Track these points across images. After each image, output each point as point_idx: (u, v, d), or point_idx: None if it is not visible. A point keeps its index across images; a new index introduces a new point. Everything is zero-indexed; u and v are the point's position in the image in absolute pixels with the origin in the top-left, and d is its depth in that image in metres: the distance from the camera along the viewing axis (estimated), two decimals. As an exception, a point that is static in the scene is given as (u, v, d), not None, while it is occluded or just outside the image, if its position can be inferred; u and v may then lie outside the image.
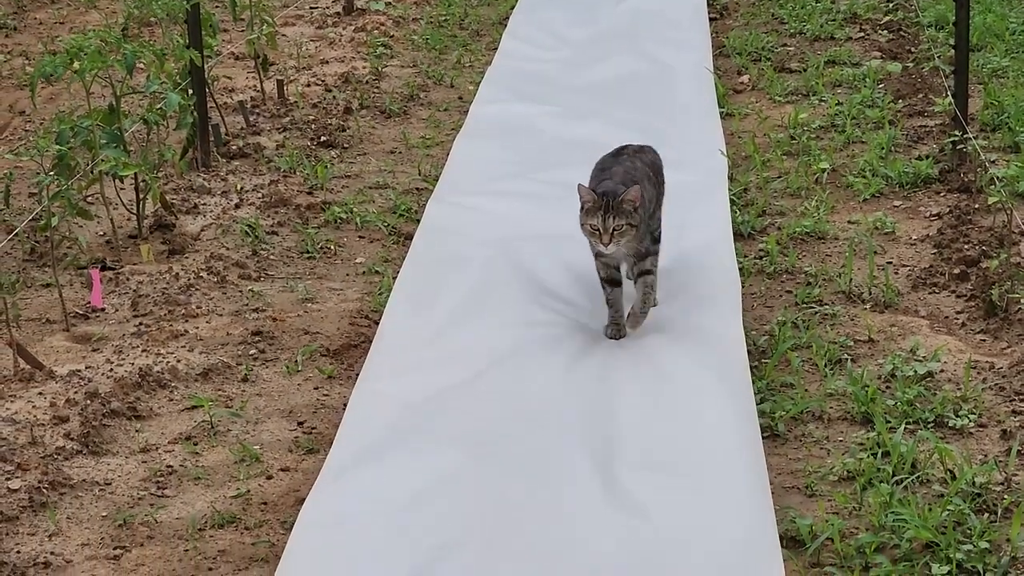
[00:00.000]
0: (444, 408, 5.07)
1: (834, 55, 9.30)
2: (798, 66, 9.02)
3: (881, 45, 9.31)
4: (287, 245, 6.61)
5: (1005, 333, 5.51)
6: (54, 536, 4.47)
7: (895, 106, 8.01)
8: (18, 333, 5.61)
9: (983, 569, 4.11)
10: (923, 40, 9.23)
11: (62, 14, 10.89)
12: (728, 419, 4.94)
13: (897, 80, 8.47)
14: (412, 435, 4.92)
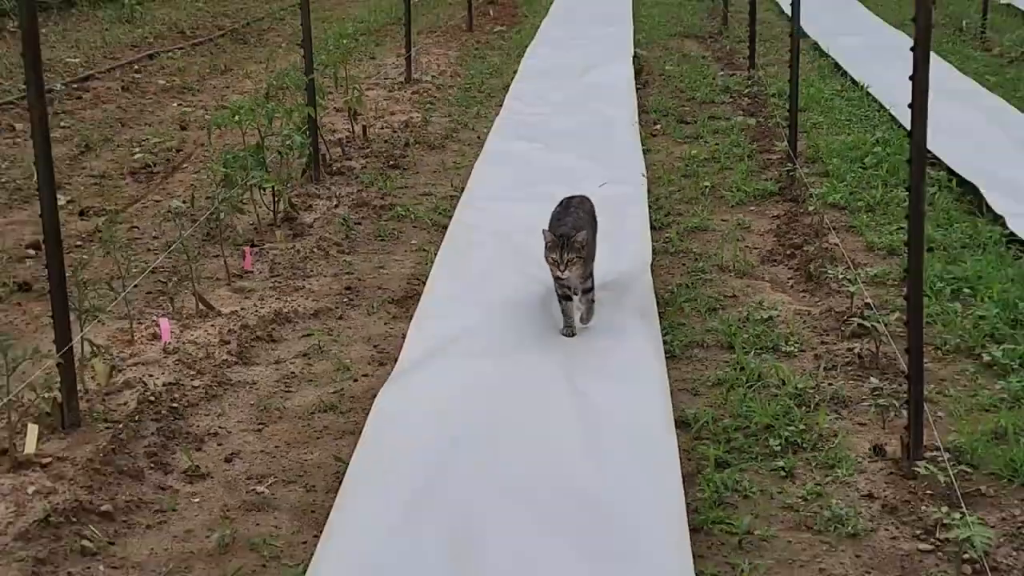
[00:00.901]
0: (465, 337, 5.32)
1: (714, 113, 9.68)
2: (691, 119, 9.31)
3: (743, 107, 9.64)
4: (367, 232, 6.99)
5: (817, 292, 5.87)
6: (220, 416, 4.79)
7: (751, 146, 8.48)
8: (199, 287, 5.96)
9: (800, 442, 4.42)
10: (769, 104, 9.59)
11: (228, 81, 11.03)
12: (645, 345, 5.17)
13: (753, 130, 8.94)
14: (443, 354, 5.16)
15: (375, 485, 4.10)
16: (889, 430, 4.46)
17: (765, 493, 4.10)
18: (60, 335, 4.57)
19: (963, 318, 5.33)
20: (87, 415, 4.65)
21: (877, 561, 3.69)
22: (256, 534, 3.92)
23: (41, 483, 4.19)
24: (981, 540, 3.61)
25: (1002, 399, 4.64)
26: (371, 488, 4.08)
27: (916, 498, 4.00)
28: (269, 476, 4.31)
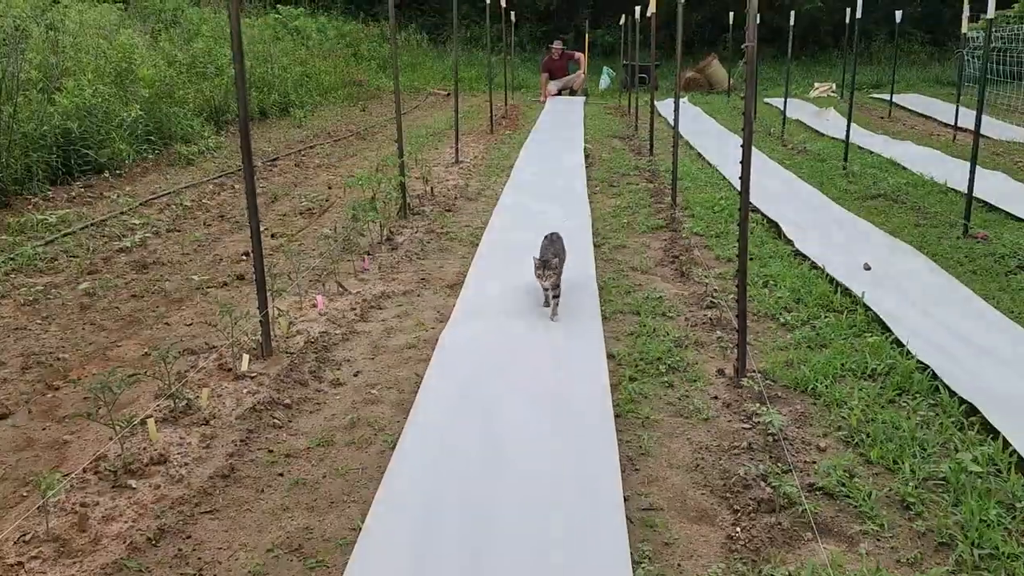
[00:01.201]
0: (488, 305, 5.28)
1: (629, 181, 9.61)
2: (616, 185, 9.12)
3: (646, 177, 9.41)
4: (433, 247, 6.89)
5: (687, 283, 5.79)
6: (350, 351, 4.76)
7: (650, 200, 8.30)
8: (338, 278, 5.92)
9: (677, 367, 4.40)
10: (660, 176, 9.45)
11: (355, 162, 11.01)
12: (590, 308, 5.14)
13: (651, 190, 8.74)
14: (477, 314, 5.13)
15: (438, 389, 4.11)
16: (727, 360, 4.47)
17: (656, 396, 4.11)
18: (261, 304, 4.62)
19: (768, 298, 5.34)
20: (275, 350, 4.66)
21: (719, 433, 3.73)
22: (371, 417, 3.95)
23: (251, 387, 4.23)
24: (777, 421, 3.68)
25: (790, 343, 4.66)
26: (436, 390, 4.10)
27: (742, 399, 4.02)
28: (379, 384, 4.31)
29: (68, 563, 2.84)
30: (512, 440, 3.57)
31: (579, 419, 3.74)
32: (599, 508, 3.02)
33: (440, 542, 2.87)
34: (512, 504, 3.09)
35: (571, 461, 3.38)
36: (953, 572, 2.72)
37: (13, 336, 4.92)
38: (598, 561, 2.74)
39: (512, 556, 2.80)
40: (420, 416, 3.77)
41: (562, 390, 4.04)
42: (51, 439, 3.73)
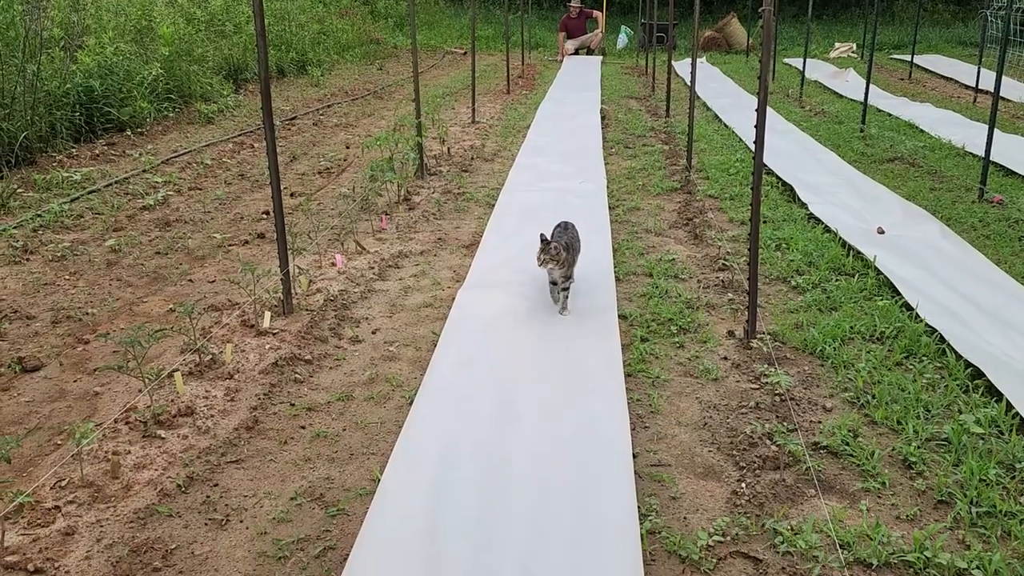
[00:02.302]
0: (502, 264, 5.33)
1: (645, 143, 9.39)
2: (632, 146, 9.12)
3: (662, 139, 9.40)
4: (450, 207, 6.91)
5: (700, 245, 5.80)
6: (369, 309, 4.81)
7: (665, 162, 8.28)
8: (357, 237, 5.98)
9: (688, 328, 4.42)
10: (676, 138, 9.41)
11: (372, 121, 11.00)
12: (606, 268, 5.17)
13: (666, 152, 8.71)
14: (491, 273, 5.18)
15: (454, 347, 4.16)
16: (737, 322, 4.49)
17: (667, 356, 4.14)
18: (282, 262, 4.68)
19: (780, 261, 5.34)
20: (297, 307, 4.73)
21: (728, 393, 3.78)
22: (389, 373, 4.02)
23: (272, 343, 4.31)
24: (784, 382, 3.74)
25: (800, 306, 4.67)
26: (452, 348, 4.14)
27: (751, 360, 4.06)
28: (396, 341, 4.37)
29: (102, 507, 2.96)
30: (525, 398, 3.63)
31: (591, 378, 3.80)
32: (609, 463, 3.10)
33: (455, 492, 2.95)
34: (524, 458, 3.17)
35: (582, 418, 3.44)
36: (951, 529, 2.78)
37: (43, 291, 5.03)
38: (607, 513, 2.82)
39: (523, 506, 2.87)
40: (436, 373, 3.84)
41: (575, 349, 4.08)
42: (82, 391, 3.84)
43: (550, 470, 3.09)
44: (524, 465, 3.12)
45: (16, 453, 3.25)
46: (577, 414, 3.49)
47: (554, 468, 3.10)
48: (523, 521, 2.79)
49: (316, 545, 2.77)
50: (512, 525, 2.77)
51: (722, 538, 2.77)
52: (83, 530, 2.83)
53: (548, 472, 3.08)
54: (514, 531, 2.74)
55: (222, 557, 2.71)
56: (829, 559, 2.63)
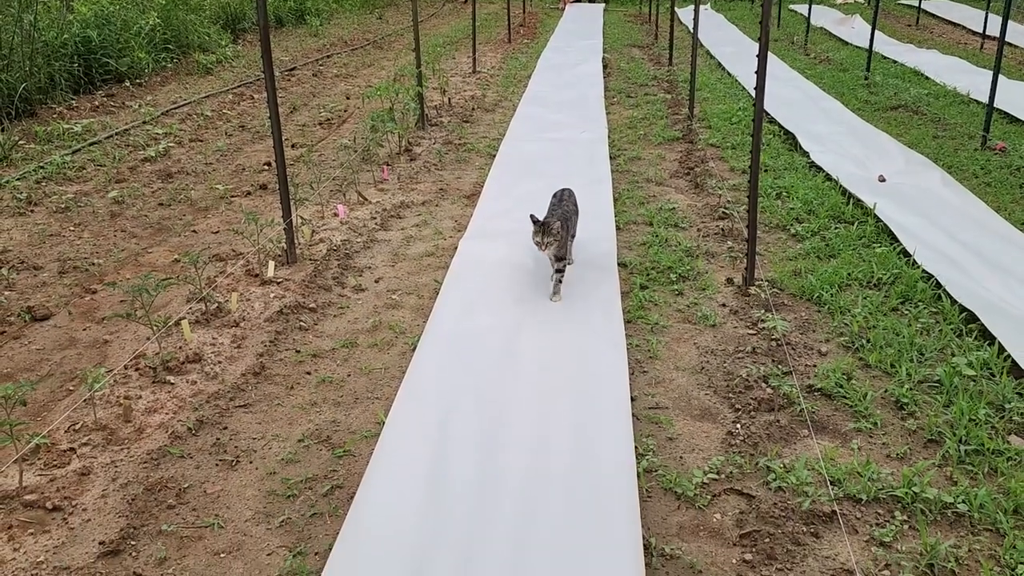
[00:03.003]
0: (503, 213, 5.34)
1: (647, 92, 9.37)
2: (634, 95, 9.11)
3: (664, 88, 9.41)
4: (451, 158, 6.91)
5: (700, 194, 5.81)
6: (372, 258, 4.85)
7: (667, 111, 8.28)
8: (358, 187, 5.99)
9: (687, 275, 4.46)
10: (679, 86, 9.37)
11: (372, 71, 10.93)
12: (607, 217, 5.18)
13: (669, 101, 8.71)
14: (492, 221, 5.21)
15: (456, 295, 4.21)
16: (736, 270, 4.53)
17: (666, 303, 4.19)
18: (284, 212, 4.71)
19: (781, 209, 5.35)
20: (300, 257, 4.77)
21: (725, 338, 3.84)
22: (392, 320, 4.08)
23: (277, 292, 4.37)
24: (781, 327, 3.80)
25: (799, 253, 4.70)
26: (453, 296, 4.19)
27: (748, 306, 4.11)
28: (399, 290, 4.42)
29: (116, 449, 3.05)
30: (526, 343, 3.68)
31: (590, 324, 3.84)
32: (607, 406, 3.16)
33: (457, 433, 3.02)
34: (523, 399, 3.24)
35: (581, 362, 3.50)
36: (939, 466, 2.87)
37: (49, 242, 5.08)
38: (605, 453, 2.89)
39: (523, 445, 2.95)
40: (438, 320, 3.90)
41: (575, 296, 4.11)
42: (92, 339, 3.91)
43: (548, 412, 3.15)
44: (524, 407, 3.18)
45: (30, 398, 3.34)
46: (576, 358, 3.55)
47: (552, 410, 3.16)
48: (523, 460, 2.87)
49: (324, 484, 2.85)
50: (512, 464, 2.85)
51: (716, 476, 2.86)
52: (98, 470, 2.92)
53: (546, 414, 3.14)
54: (514, 469, 2.82)
55: (233, 495, 2.80)
56: (819, 494, 2.71)
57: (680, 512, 2.70)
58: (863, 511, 2.66)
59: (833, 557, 2.48)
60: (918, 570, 2.41)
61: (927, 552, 2.45)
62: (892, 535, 2.54)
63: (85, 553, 2.54)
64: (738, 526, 2.62)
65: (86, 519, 2.69)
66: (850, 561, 2.44)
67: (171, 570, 2.48)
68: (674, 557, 2.50)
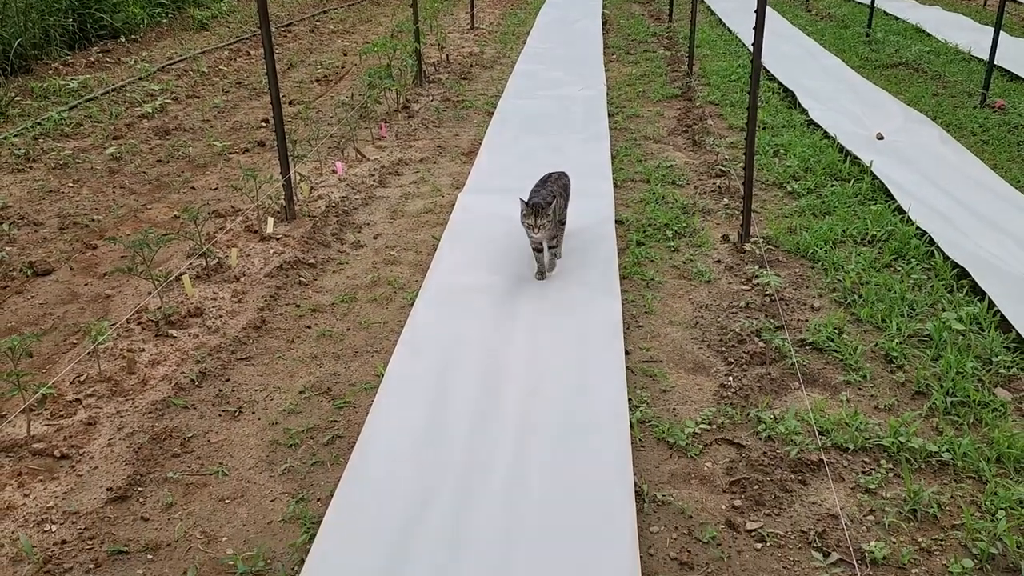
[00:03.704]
0: (504, 173, 5.33)
1: (647, 48, 9.27)
2: (633, 52, 9.03)
3: (664, 44, 9.34)
4: (449, 115, 6.89)
5: (698, 151, 5.81)
6: (370, 215, 4.87)
7: (667, 68, 8.23)
8: (356, 144, 5.98)
9: (683, 232, 4.49)
10: (678, 43, 9.30)
11: (370, 27, 10.80)
12: (604, 174, 5.18)
13: (668, 58, 8.65)
14: (491, 178, 5.21)
15: (454, 248, 4.24)
16: (732, 227, 4.56)
17: (662, 259, 4.22)
18: (283, 169, 4.73)
19: (778, 166, 5.36)
20: (299, 213, 4.79)
21: (720, 294, 3.88)
22: (391, 276, 4.12)
23: (276, 248, 4.40)
24: (774, 282, 3.84)
25: (795, 211, 4.73)
26: (452, 248, 4.23)
27: (743, 263, 4.14)
28: (397, 246, 4.45)
29: (121, 400, 3.11)
30: (524, 297, 3.72)
31: (586, 279, 3.88)
32: (602, 359, 3.22)
33: (455, 385, 3.08)
34: (520, 352, 3.29)
35: (576, 316, 3.55)
36: (925, 417, 2.93)
37: (48, 198, 5.10)
38: (598, 404, 2.96)
39: (519, 395, 3.01)
40: (437, 275, 3.93)
41: (572, 252, 4.14)
42: (94, 293, 3.96)
43: (544, 365, 3.20)
44: (521, 360, 3.23)
45: (35, 351, 3.39)
46: (571, 312, 3.59)
47: (547, 363, 3.21)
48: (519, 409, 2.93)
49: (325, 434, 2.92)
50: (508, 412, 2.91)
51: (708, 427, 2.93)
52: (104, 420, 2.99)
53: (541, 367, 3.19)
54: (510, 417, 2.88)
55: (236, 444, 2.87)
56: (807, 443, 2.78)
57: (672, 461, 2.77)
58: (850, 460, 2.73)
59: (819, 503, 2.55)
60: (901, 515, 2.49)
61: (911, 498, 2.52)
62: (877, 482, 2.61)
63: (93, 499, 2.61)
64: (728, 474, 2.69)
65: (93, 467, 2.76)
66: (835, 507, 2.51)
67: (177, 515, 2.56)
68: (665, 503, 2.58)
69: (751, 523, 2.48)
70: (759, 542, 2.42)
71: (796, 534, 2.44)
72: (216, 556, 2.40)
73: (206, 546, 2.44)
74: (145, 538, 2.47)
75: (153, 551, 2.42)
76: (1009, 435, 2.75)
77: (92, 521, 2.52)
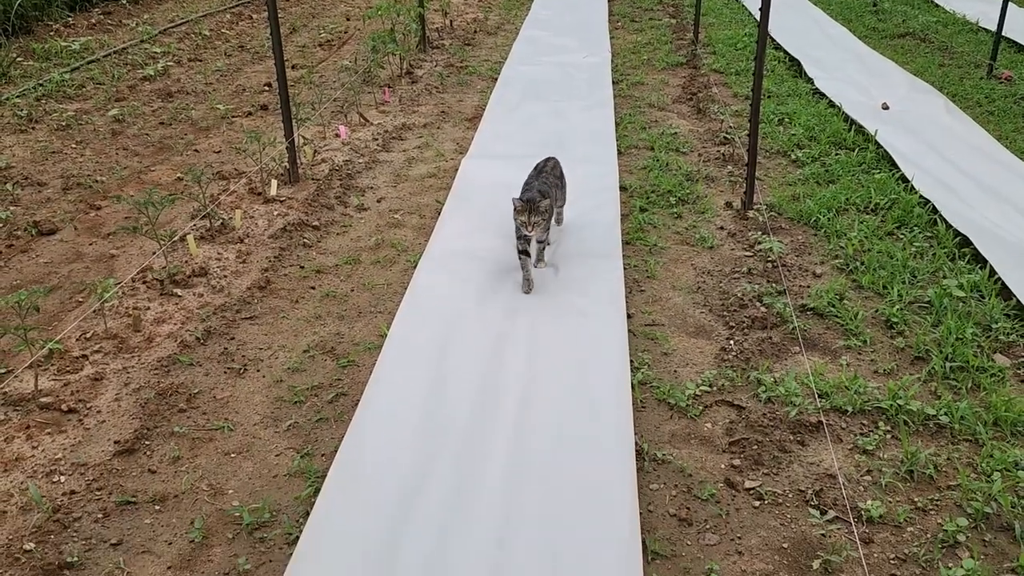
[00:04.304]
0: (507, 138, 5.31)
1: (652, 16, 9.14)
2: (638, 20, 8.92)
3: (669, 13, 9.22)
4: (453, 81, 6.85)
5: (703, 119, 5.78)
6: (374, 179, 4.86)
7: (672, 36, 8.15)
8: (360, 109, 5.95)
9: (687, 199, 4.47)
10: (684, 11, 9.20)
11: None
12: (608, 141, 5.15)
13: (673, 26, 8.56)
14: (494, 144, 5.20)
15: (458, 212, 4.25)
16: (735, 194, 4.56)
17: (665, 226, 4.23)
18: (287, 131, 4.71)
19: (782, 135, 5.34)
20: (302, 176, 4.78)
21: (722, 260, 3.89)
22: (395, 239, 4.13)
23: (280, 210, 4.41)
24: (777, 248, 3.85)
25: (798, 179, 4.72)
26: (455, 212, 4.23)
27: (746, 229, 4.15)
28: (401, 210, 4.46)
29: (127, 357, 3.14)
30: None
31: (589, 243, 3.88)
32: (603, 320, 3.24)
33: (457, 344, 3.11)
34: (522, 314, 3.30)
35: (579, 278, 3.55)
36: (924, 381, 2.96)
37: (51, 159, 5.09)
38: (599, 364, 2.98)
39: (520, 356, 3.02)
40: (440, 239, 3.94)
41: (573, 216, 4.14)
42: (98, 253, 3.97)
43: (547, 324, 3.23)
44: (522, 322, 3.25)
45: (41, 309, 3.40)
46: (576, 276, 3.59)
47: (551, 323, 3.23)
48: (520, 369, 2.95)
49: (329, 392, 2.95)
50: (510, 371, 2.94)
51: (709, 389, 2.95)
52: (111, 376, 3.01)
53: (545, 326, 3.22)
54: (511, 375, 2.91)
55: (242, 401, 2.90)
56: (807, 404, 2.81)
57: (672, 422, 2.80)
58: (848, 422, 2.76)
59: (817, 463, 2.58)
60: (898, 476, 2.52)
61: (908, 459, 2.55)
62: (875, 444, 2.64)
63: (101, 451, 2.65)
64: (727, 434, 2.72)
65: (101, 420, 2.79)
66: (833, 467, 2.54)
67: (184, 468, 2.59)
68: (665, 462, 2.61)
69: (750, 482, 2.51)
70: (757, 500, 2.45)
71: (794, 493, 2.47)
72: (222, 508, 2.43)
73: (212, 498, 2.47)
74: (153, 489, 2.50)
75: (161, 502, 2.45)
76: (1007, 399, 2.77)
77: (100, 473, 2.55)
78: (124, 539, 2.32)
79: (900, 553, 2.25)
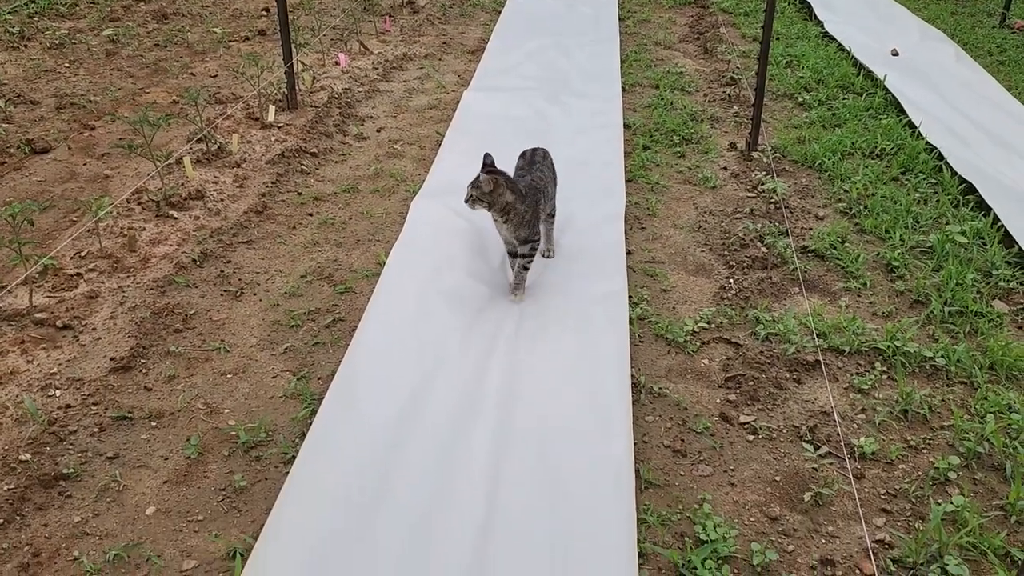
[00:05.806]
0: (509, 72, 5.22)
1: None
2: None
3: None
4: (455, 12, 6.73)
5: (710, 59, 5.73)
6: (373, 108, 4.80)
7: None
8: (360, 37, 5.85)
9: (690, 139, 4.41)
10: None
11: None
12: (614, 78, 5.07)
13: None
14: (496, 78, 5.11)
15: (458, 144, 4.19)
16: (740, 135, 4.51)
17: (668, 165, 4.19)
18: (285, 57, 4.61)
19: (790, 77, 5.28)
20: (300, 103, 4.71)
21: (724, 200, 3.87)
22: (394, 169, 4.09)
23: (278, 136, 4.34)
24: (780, 190, 3.81)
25: (804, 122, 4.67)
26: (456, 144, 4.18)
27: (750, 170, 4.12)
28: (400, 140, 4.40)
29: (122, 276, 3.10)
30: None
31: (593, 179, 3.86)
32: (601, 255, 3.21)
33: (455, 273, 3.08)
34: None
35: (582, 209, 3.53)
36: (923, 325, 2.95)
37: (44, 78, 4.98)
38: (597, 296, 2.95)
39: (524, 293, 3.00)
40: (440, 171, 3.89)
41: (576, 155, 4.11)
42: (93, 173, 3.90)
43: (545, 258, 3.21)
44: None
45: (35, 225, 3.34)
46: (578, 203, 3.57)
47: (549, 257, 3.21)
48: (516, 307, 2.92)
49: (326, 317, 2.93)
50: (506, 310, 2.91)
51: (707, 326, 2.94)
52: (106, 295, 2.98)
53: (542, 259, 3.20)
54: (510, 312, 2.87)
55: (238, 323, 2.88)
56: (804, 342, 2.80)
57: (670, 357, 2.79)
58: (845, 361, 2.76)
59: (812, 401, 2.59)
60: (892, 415, 2.53)
61: (902, 399, 2.56)
62: (871, 383, 2.64)
63: (96, 367, 2.63)
64: (724, 370, 2.72)
65: (96, 337, 2.77)
66: (828, 405, 2.55)
67: (180, 387, 2.58)
68: (661, 395, 2.61)
69: (744, 416, 2.52)
70: (751, 434, 2.46)
71: (788, 428, 2.48)
72: (218, 426, 2.43)
73: (208, 416, 2.47)
74: (148, 406, 2.49)
75: (156, 419, 2.45)
76: (1004, 344, 2.77)
77: (96, 388, 2.54)
78: (120, 453, 2.31)
79: (891, 488, 2.26)
